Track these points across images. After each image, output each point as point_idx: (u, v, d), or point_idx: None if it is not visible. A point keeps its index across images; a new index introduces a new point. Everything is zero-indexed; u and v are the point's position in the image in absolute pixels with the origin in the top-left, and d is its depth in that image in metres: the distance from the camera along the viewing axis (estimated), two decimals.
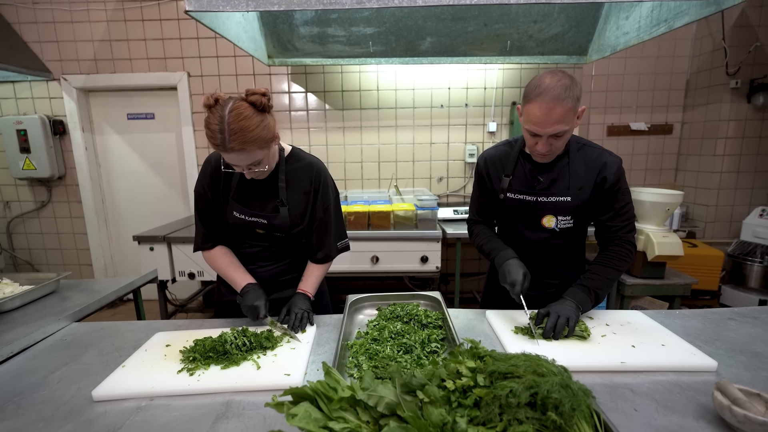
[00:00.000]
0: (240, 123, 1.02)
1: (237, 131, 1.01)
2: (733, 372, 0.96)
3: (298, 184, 1.29)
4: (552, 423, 0.67)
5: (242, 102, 1.05)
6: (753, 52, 2.95)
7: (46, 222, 3.51)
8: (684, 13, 1.77)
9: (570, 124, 1.11)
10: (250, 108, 1.05)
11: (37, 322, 1.31)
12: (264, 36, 2.69)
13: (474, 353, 0.81)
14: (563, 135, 1.13)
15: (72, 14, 3.15)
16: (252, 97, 1.06)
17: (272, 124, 1.11)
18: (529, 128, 1.14)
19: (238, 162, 1.09)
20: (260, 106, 1.06)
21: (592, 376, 0.95)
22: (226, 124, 1.01)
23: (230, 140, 1.02)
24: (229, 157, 1.07)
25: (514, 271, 1.20)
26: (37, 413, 0.87)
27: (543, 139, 1.14)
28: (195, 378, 0.95)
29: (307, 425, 0.66)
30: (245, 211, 1.26)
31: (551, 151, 1.18)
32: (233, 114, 1.02)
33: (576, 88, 1.09)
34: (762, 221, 3.00)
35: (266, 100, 1.07)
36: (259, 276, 1.33)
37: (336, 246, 1.36)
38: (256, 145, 1.05)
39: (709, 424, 0.78)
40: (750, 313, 1.29)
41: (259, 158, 1.10)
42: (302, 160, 1.32)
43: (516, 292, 1.17)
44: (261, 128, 1.05)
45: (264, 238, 1.31)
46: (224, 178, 1.27)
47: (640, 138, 3.42)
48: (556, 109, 1.07)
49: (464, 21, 2.65)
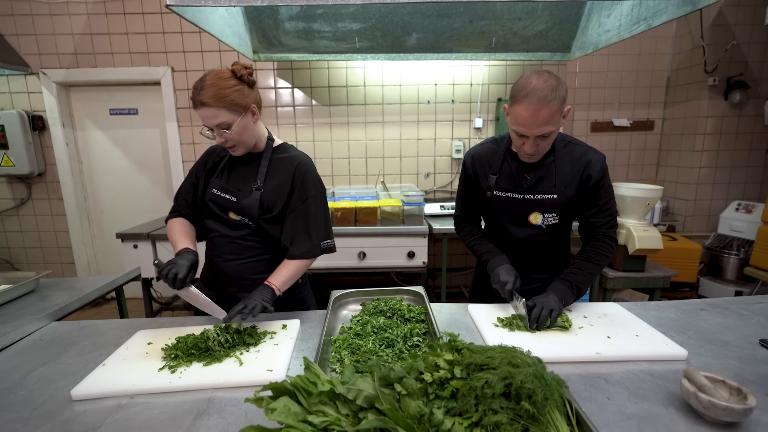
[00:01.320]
0: (215, 80, 1.12)
1: (210, 85, 1.11)
2: (703, 360, 1.00)
3: (278, 173, 1.29)
4: (525, 412, 0.69)
5: (225, 69, 1.16)
6: (730, 51, 3.03)
7: (26, 220, 3.43)
8: (662, 11, 1.81)
9: (556, 125, 1.13)
10: (229, 73, 1.15)
11: (15, 321, 1.29)
12: (249, 31, 2.66)
13: (452, 346, 0.83)
14: (549, 135, 1.15)
15: (50, 7, 3.06)
16: (234, 66, 1.16)
17: (249, 95, 1.18)
18: (516, 129, 1.16)
19: (206, 120, 1.14)
20: (239, 74, 1.15)
21: (568, 366, 0.98)
22: (203, 81, 1.12)
23: (201, 93, 1.11)
24: (200, 114, 1.14)
25: (505, 274, 1.25)
26: (14, 414, 0.86)
27: (530, 140, 1.16)
28: (177, 375, 0.95)
29: (286, 419, 0.67)
30: (222, 187, 1.29)
31: (538, 151, 1.20)
32: (212, 74, 1.14)
33: (562, 88, 1.11)
34: (738, 215, 3.10)
35: (246, 73, 1.16)
36: (227, 271, 1.31)
37: (320, 245, 1.29)
38: (224, 103, 1.12)
39: (677, 410, 0.81)
40: (721, 304, 1.34)
41: (227, 121, 1.14)
42: (289, 152, 1.33)
43: (508, 288, 1.21)
44: (233, 90, 1.13)
45: (235, 226, 1.30)
46: (216, 160, 1.34)
47: (622, 134, 3.49)
48: (542, 110, 1.09)
49: (450, 17, 2.66)
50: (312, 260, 1.31)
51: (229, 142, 1.19)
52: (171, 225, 1.37)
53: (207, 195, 1.32)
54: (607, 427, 0.77)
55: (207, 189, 1.32)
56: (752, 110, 3.14)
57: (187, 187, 1.38)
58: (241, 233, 1.30)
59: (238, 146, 1.22)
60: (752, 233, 2.91)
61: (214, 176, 1.33)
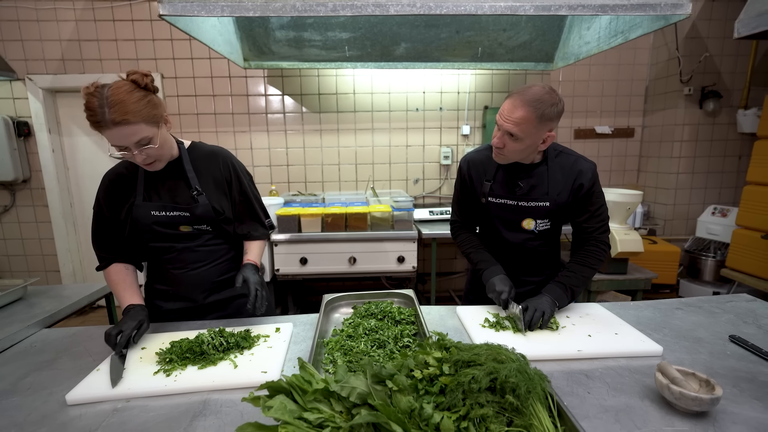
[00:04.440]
0: (119, 96, 1.00)
1: (117, 102, 1.00)
2: (677, 356, 1.06)
3: (207, 172, 1.27)
4: (510, 405, 0.73)
5: (121, 81, 1.05)
6: (703, 62, 3.17)
7: (9, 227, 3.36)
8: (638, 26, 1.90)
9: (526, 135, 1.18)
10: (130, 84, 1.04)
11: (4, 329, 1.28)
12: (240, 39, 2.69)
13: (441, 344, 0.87)
14: (518, 141, 1.20)
15: (38, 12, 3.05)
16: (133, 76, 1.05)
17: (159, 103, 1.10)
18: (497, 118, 1.23)
19: (124, 139, 1.03)
20: (142, 84, 1.05)
21: (552, 364, 1.03)
22: (105, 98, 0.99)
23: (110, 111, 0.99)
24: (113, 135, 1.02)
25: (500, 284, 1.29)
26: (8, 419, 0.87)
27: (500, 133, 1.22)
28: (172, 378, 0.97)
29: (283, 416, 0.70)
30: (164, 206, 1.22)
31: (504, 149, 1.24)
32: (112, 89, 1.01)
33: (549, 107, 1.15)
34: (714, 219, 3.22)
35: (149, 80, 1.07)
36: (193, 280, 1.30)
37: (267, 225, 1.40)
38: (139, 117, 1.02)
39: (652, 402, 0.86)
40: (695, 303, 1.41)
41: (148, 135, 1.06)
42: (204, 148, 1.31)
43: (503, 298, 1.26)
44: (143, 103, 1.04)
45: (190, 237, 1.27)
46: (125, 184, 1.22)
47: (604, 141, 3.61)
48: (518, 109, 1.16)
49: (437, 28, 2.73)
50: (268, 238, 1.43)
51: (150, 158, 1.10)
52: (108, 277, 1.27)
53: (142, 221, 1.21)
54: (587, 419, 0.81)
55: (136, 216, 1.21)
56: (725, 119, 3.28)
57: (104, 228, 1.25)
58: (200, 241, 1.29)
59: (159, 160, 1.14)
60: (728, 236, 3.03)
61: (137, 201, 1.21)
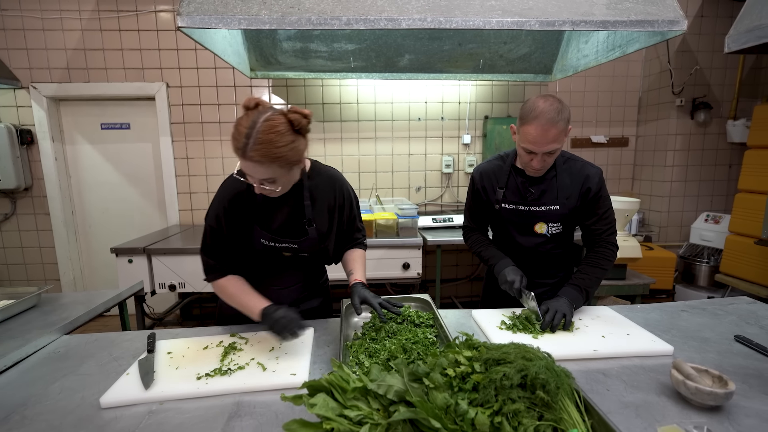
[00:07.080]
0: (269, 135, 0.98)
1: (263, 142, 0.98)
2: (686, 355, 1.11)
3: (322, 200, 1.27)
4: (540, 400, 0.77)
5: (280, 116, 1.02)
6: (694, 74, 3.30)
7: (9, 236, 3.33)
8: (635, 40, 2.00)
9: (561, 142, 1.26)
10: (286, 124, 1.01)
11: (24, 336, 1.29)
12: (247, 50, 2.74)
13: (469, 344, 0.91)
14: (555, 152, 1.28)
15: (44, 22, 3.07)
16: (292, 115, 1.02)
17: (302, 147, 1.08)
18: (526, 146, 1.27)
19: (253, 173, 1.04)
20: (297, 125, 1.03)
21: (569, 363, 1.07)
22: (255, 131, 0.98)
23: (252, 148, 0.98)
24: (245, 166, 1.03)
25: (511, 274, 1.35)
26: (44, 422, 0.88)
27: (538, 157, 1.28)
28: (203, 382, 0.99)
29: (326, 413, 0.73)
30: (274, 238, 1.23)
31: (544, 166, 1.32)
32: (266, 123, 0.99)
33: (566, 110, 1.24)
34: (707, 225, 3.32)
35: (305, 123, 1.05)
36: (281, 295, 1.33)
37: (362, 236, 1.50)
38: (277, 163, 1.02)
39: (668, 398, 0.91)
40: (699, 305, 1.47)
41: (276, 177, 1.06)
42: (323, 173, 1.30)
43: (516, 287, 1.32)
44: (288, 148, 1.02)
45: (289, 260, 1.31)
46: (243, 205, 1.20)
47: (600, 150, 3.71)
48: (550, 130, 1.21)
49: (440, 40, 2.82)
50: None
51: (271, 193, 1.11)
52: (223, 288, 1.25)
53: (256, 245, 1.24)
54: (610, 414, 0.85)
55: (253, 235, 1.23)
56: (716, 129, 3.41)
57: (221, 243, 1.23)
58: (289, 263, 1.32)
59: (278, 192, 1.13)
60: (720, 242, 3.13)
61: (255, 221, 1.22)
